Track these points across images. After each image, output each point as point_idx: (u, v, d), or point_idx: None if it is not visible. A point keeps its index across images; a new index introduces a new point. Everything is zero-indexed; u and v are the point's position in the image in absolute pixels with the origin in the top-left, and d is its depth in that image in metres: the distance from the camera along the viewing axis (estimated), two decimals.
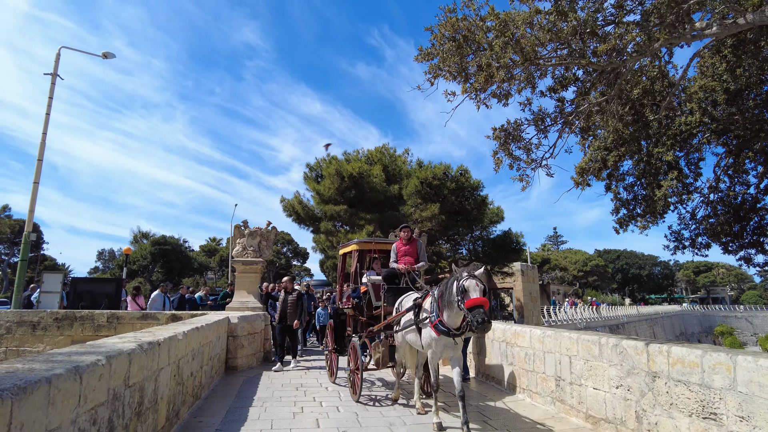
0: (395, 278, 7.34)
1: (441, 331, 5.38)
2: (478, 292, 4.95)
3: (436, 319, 5.44)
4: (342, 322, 8.33)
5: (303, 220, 23.11)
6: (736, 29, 7.43)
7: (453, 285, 5.26)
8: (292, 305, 9.90)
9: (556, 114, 7.52)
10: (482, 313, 4.78)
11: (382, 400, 7.21)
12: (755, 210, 12.79)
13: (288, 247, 59.36)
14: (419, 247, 7.53)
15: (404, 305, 6.56)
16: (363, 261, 8.61)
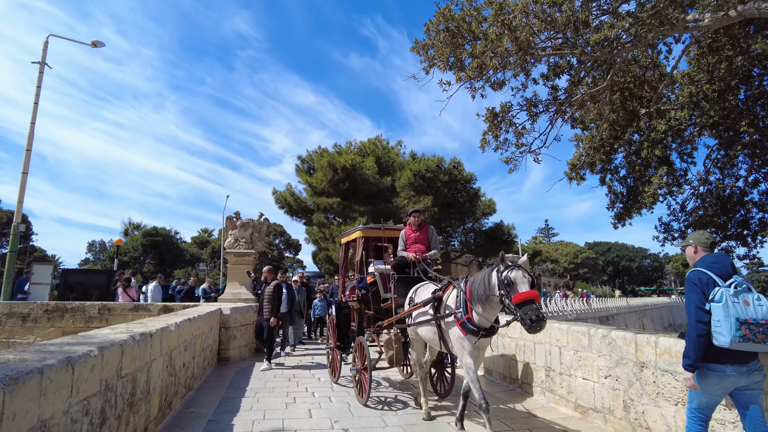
0: (405, 267, 6.66)
1: (469, 330, 4.71)
2: (526, 285, 4.27)
3: (464, 316, 4.75)
4: (345, 317, 7.56)
5: (295, 212, 23.07)
6: (727, 21, 7.48)
7: (490, 277, 4.56)
8: (268, 298, 8.95)
9: (548, 101, 7.54)
10: (536, 309, 4.08)
11: (393, 403, 6.51)
12: (742, 203, 12.96)
13: (280, 238, 59.24)
14: (430, 233, 6.88)
15: (419, 297, 5.90)
16: (368, 249, 7.81)
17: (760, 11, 6.93)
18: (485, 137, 7.40)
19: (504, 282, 4.33)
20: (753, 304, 3.12)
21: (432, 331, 5.40)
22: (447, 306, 5.11)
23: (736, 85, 10.94)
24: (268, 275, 9.26)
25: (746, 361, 3.18)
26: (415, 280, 6.44)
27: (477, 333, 4.67)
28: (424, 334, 5.63)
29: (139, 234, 50.18)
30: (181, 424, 5.36)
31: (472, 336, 4.70)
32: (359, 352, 6.63)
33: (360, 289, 7.32)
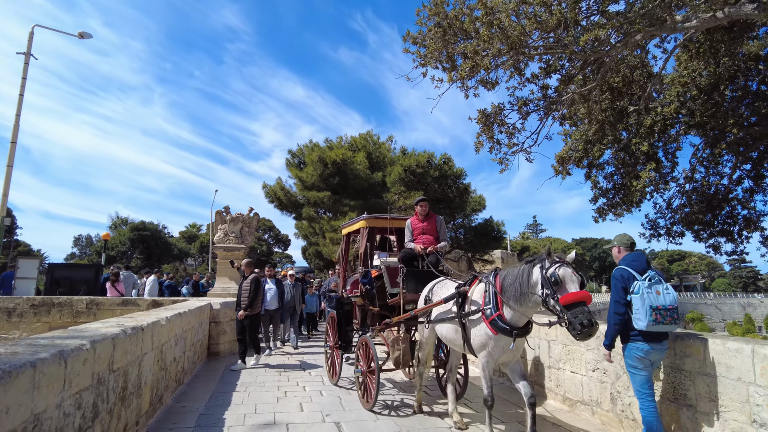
0: (413, 260, 6.18)
1: (499, 329, 4.29)
2: (576, 284, 3.82)
3: (494, 313, 4.34)
4: (347, 314, 7.02)
5: (285, 206, 22.99)
6: (714, 23, 7.60)
7: (530, 273, 4.15)
8: (245, 293, 8.52)
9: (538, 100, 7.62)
10: (587, 312, 3.65)
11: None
12: (727, 200, 13.17)
13: (269, 233, 58.96)
14: (439, 223, 6.43)
15: (437, 293, 5.44)
16: (373, 240, 7.20)
17: (746, 14, 7.05)
18: (479, 139, 7.46)
19: (550, 280, 3.88)
20: (663, 293, 3.90)
21: (454, 329, 4.97)
22: (473, 302, 4.69)
23: (721, 85, 11.10)
24: (246, 268, 8.84)
25: (660, 340, 4.02)
26: (427, 275, 5.96)
27: (510, 332, 4.22)
28: (445, 334, 5.16)
29: (126, 228, 49.66)
30: (172, 418, 5.36)
31: (504, 336, 4.26)
32: (364, 352, 6.06)
33: (364, 283, 6.72)
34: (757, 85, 11.11)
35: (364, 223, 6.96)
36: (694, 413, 4.20)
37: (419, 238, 6.27)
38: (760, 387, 3.68)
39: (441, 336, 5.32)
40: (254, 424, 5.24)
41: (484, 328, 4.42)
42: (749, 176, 13.00)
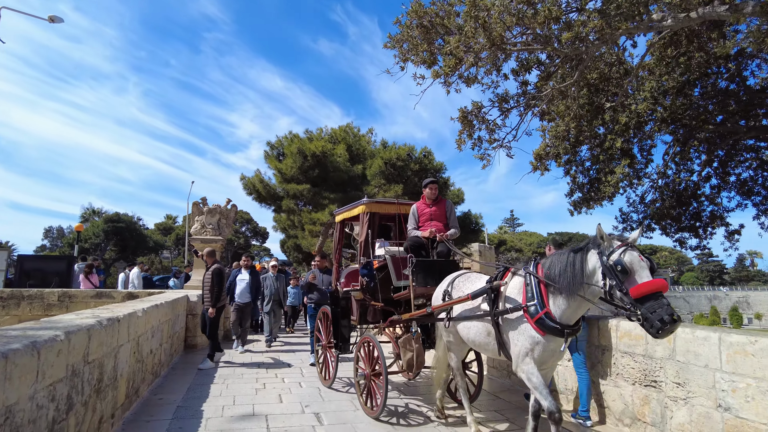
0: (421, 249, 5.53)
1: (548, 329, 3.58)
2: (647, 271, 3.21)
3: (541, 310, 3.62)
4: (343, 310, 6.34)
5: (264, 198, 22.74)
6: (688, 22, 7.79)
7: (585, 261, 3.50)
8: (207, 285, 7.87)
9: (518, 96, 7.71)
10: (667, 306, 3.04)
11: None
12: (696, 196, 13.59)
13: (247, 226, 58.34)
14: (449, 208, 5.79)
15: (460, 288, 4.69)
16: (374, 227, 6.33)
17: (718, 14, 7.24)
18: (461, 136, 7.51)
19: (615, 269, 3.26)
20: None
21: (484, 331, 4.24)
22: (509, 298, 3.96)
23: (692, 82, 11.41)
24: (207, 258, 8.17)
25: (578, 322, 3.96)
26: (439, 266, 5.33)
27: (561, 332, 3.56)
28: (473, 337, 4.40)
29: (100, 220, 48.48)
30: (149, 410, 5.30)
31: (554, 336, 3.59)
32: (367, 352, 5.42)
33: (365, 275, 5.96)
34: (726, 83, 11.43)
35: (364, 208, 6.09)
36: (663, 398, 4.35)
37: (427, 225, 5.61)
38: (725, 373, 3.83)
39: (466, 339, 4.59)
40: (233, 416, 5.22)
41: (527, 330, 3.68)
42: (717, 173, 13.43)
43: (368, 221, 6.06)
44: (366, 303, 6.13)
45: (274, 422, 5.04)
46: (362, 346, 5.57)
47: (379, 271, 5.98)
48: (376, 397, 5.15)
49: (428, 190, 5.72)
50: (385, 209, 6.40)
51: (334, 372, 6.54)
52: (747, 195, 13.37)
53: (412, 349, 5.21)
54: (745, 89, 11.45)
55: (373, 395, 5.27)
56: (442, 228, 5.57)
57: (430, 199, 5.71)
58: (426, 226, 5.59)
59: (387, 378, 4.93)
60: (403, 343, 5.28)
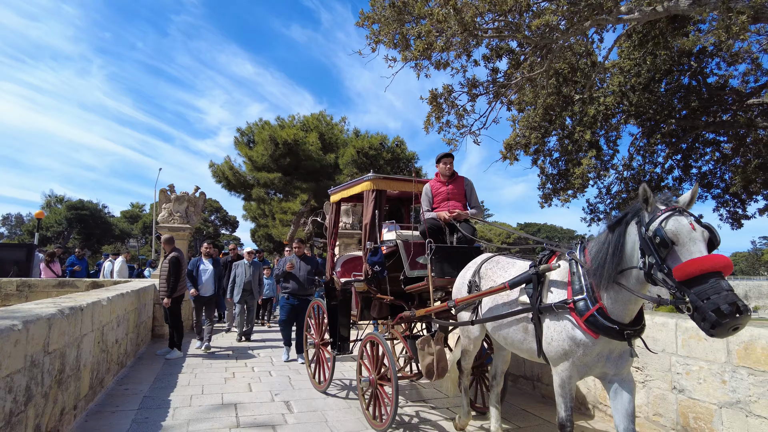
0: (439, 234, 4.75)
1: (601, 328, 2.80)
2: (701, 243, 2.41)
3: (592, 306, 2.85)
4: (343, 303, 5.56)
5: (233, 186, 22.37)
6: (654, 16, 7.99)
7: (626, 235, 2.73)
8: (164, 274, 7.61)
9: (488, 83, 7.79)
10: (727, 292, 2.23)
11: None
12: (659, 188, 14.03)
13: (216, 215, 57.36)
14: (468, 186, 5.04)
15: (490, 275, 3.88)
16: (381, 207, 5.20)
17: (682, 9, 7.45)
18: (429, 119, 7.53)
19: (653, 241, 2.50)
20: None
21: (521, 329, 3.44)
22: (553, 288, 3.20)
23: (658, 78, 11.74)
24: (165, 246, 7.84)
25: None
26: (464, 253, 4.55)
27: (619, 333, 2.78)
28: (507, 335, 3.62)
29: (62, 207, 46.79)
30: (114, 401, 5.20)
31: (610, 339, 2.83)
32: (373, 353, 4.67)
33: (373, 263, 4.91)
34: (689, 80, 11.81)
35: (370, 185, 5.11)
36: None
37: (443, 206, 4.87)
38: (681, 357, 4.01)
39: (498, 338, 3.79)
40: (201, 405, 5.17)
41: (571, 329, 2.94)
42: (679, 166, 13.90)
43: (374, 200, 5.06)
44: (371, 296, 5.22)
45: (244, 411, 5.02)
46: (368, 346, 4.75)
47: (386, 259, 5.08)
48: (384, 407, 4.38)
49: (442, 165, 4.95)
50: (397, 187, 5.38)
51: (330, 375, 5.66)
52: (706, 188, 13.88)
53: (432, 351, 4.30)
54: (705, 86, 11.85)
55: (380, 405, 4.46)
56: (461, 208, 4.83)
57: (445, 176, 4.96)
58: (442, 207, 4.84)
59: (398, 385, 4.12)
60: (421, 345, 4.37)
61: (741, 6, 6.25)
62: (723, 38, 7.39)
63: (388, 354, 4.29)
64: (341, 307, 5.57)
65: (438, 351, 4.30)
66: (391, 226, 5.35)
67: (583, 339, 2.89)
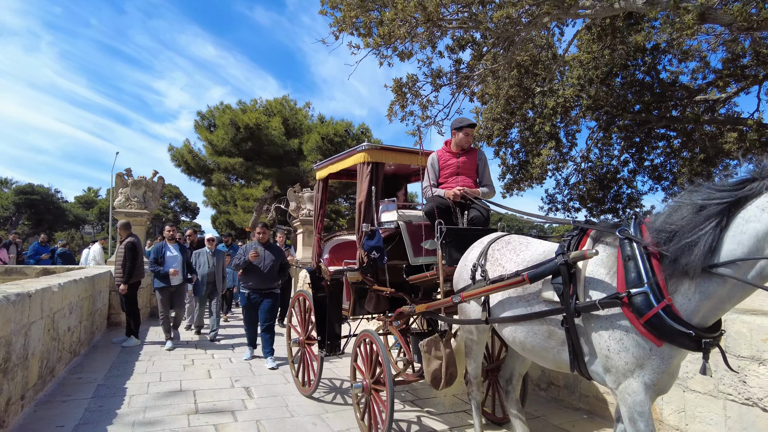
0: (447, 215, 4.01)
1: (669, 334, 2.13)
2: None
3: (657, 303, 2.13)
4: (333, 295, 4.89)
5: (194, 171, 21.83)
6: (612, 12, 8.26)
7: (743, 211, 2.00)
8: (119, 260, 7.33)
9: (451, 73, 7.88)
10: None
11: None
12: (615, 180, 14.60)
13: (176, 201, 55.95)
14: (481, 160, 4.36)
15: (500, 260, 3.15)
16: (379, 184, 4.44)
17: (637, 7, 7.73)
18: (392, 107, 7.57)
19: None
20: None
21: (545, 334, 2.69)
22: (591, 281, 2.45)
23: (615, 72, 12.15)
24: (121, 231, 7.52)
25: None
26: (478, 237, 3.72)
27: (698, 342, 2.12)
28: (522, 338, 2.86)
29: (10, 191, 44.52)
30: (65, 390, 5.06)
31: (681, 347, 2.18)
32: (368, 354, 4.06)
33: (369, 248, 4.16)
34: (643, 75, 12.28)
35: (364, 157, 4.37)
36: None
37: (451, 181, 4.20)
38: None
39: (511, 341, 3.04)
40: (159, 392, 5.11)
41: (631, 336, 2.22)
42: (633, 158, 14.49)
43: (370, 174, 4.34)
44: (366, 287, 4.50)
45: (203, 397, 4.99)
46: (362, 345, 4.15)
47: (385, 243, 4.30)
48: (379, 414, 3.81)
49: (463, 136, 4.17)
50: (396, 159, 4.62)
51: (317, 377, 5.02)
52: (658, 180, 14.55)
53: (440, 355, 3.58)
54: (658, 82, 12.35)
55: (374, 414, 3.90)
56: (472, 185, 4.19)
57: (459, 147, 4.23)
58: (450, 183, 4.19)
59: (392, 394, 3.57)
60: (427, 347, 3.64)
61: (689, 5, 6.54)
62: (674, 36, 7.73)
63: (383, 354, 3.74)
64: (330, 301, 4.86)
65: (447, 355, 3.59)
66: (391, 205, 4.58)
67: (650, 347, 2.18)
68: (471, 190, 4.05)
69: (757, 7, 6.34)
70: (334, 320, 4.90)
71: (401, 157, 4.65)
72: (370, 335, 4.00)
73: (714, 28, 10.13)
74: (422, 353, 3.68)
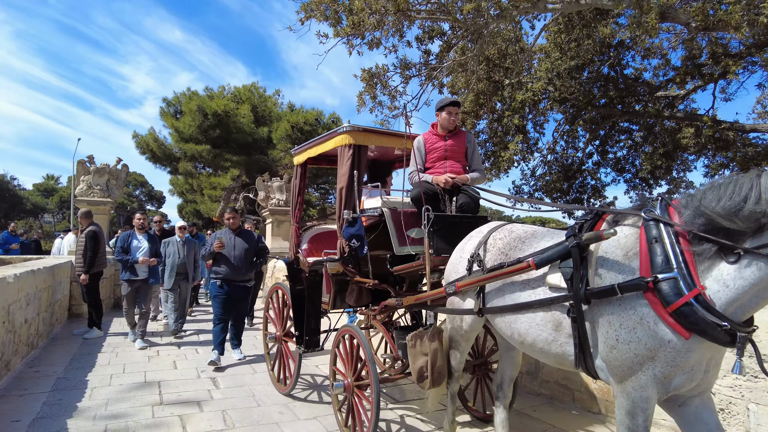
0: (435, 201, 3.74)
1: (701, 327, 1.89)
2: None
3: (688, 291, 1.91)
4: (312, 287, 4.58)
5: (159, 159, 21.26)
6: (578, 7, 8.43)
7: None
8: (80, 250, 7.20)
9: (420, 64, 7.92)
10: None
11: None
12: (581, 171, 14.99)
13: (141, 189, 54.47)
14: (470, 143, 4.11)
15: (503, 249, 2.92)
16: (362, 167, 4.11)
17: (602, 3, 7.91)
18: (361, 96, 7.56)
19: None
20: None
21: (550, 324, 2.45)
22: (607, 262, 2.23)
23: (581, 65, 12.42)
24: (82, 220, 7.37)
25: None
26: (468, 225, 3.56)
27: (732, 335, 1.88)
28: (523, 331, 2.61)
29: None
30: (22, 384, 4.93)
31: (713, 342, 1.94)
32: (349, 351, 3.81)
33: (350, 236, 3.92)
34: (608, 70, 12.60)
35: (346, 139, 4.05)
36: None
37: (438, 166, 3.95)
38: None
39: (510, 336, 2.79)
40: (122, 385, 5.03)
41: (653, 323, 2.01)
42: (597, 151, 14.91)
43: (352, 158, 4.01)
44: (347, 279, 4.28)
45: (168, 389, 4.94)
46: (341, 342, 3.90)
47: (368, 232, 4.08)
48: (362, 417, 3.58)
49: (446, 116, 3.91)
50: (380, 142, 4.35)
51: (295, 374, 4.76)
52: (620, 172, 15.02)
53: (426, 350, 3.37)
54: (622, 77, 12.70)
55: (357, 415, 3.63)
56: (460, 170, 3.94)
57: (445, 129, 3.97)
58: (438, 167, 3.93)
59: (378, 394, 3.35)
60: (412, 341, 3.43)
61: (651, 2, 6.74)
62: (638, 33, 7.95)
63: (367, 351, 3.50)
64: (309, 294, 4.56)
65: (434, 350, 3.35)
66: (374, 191, 4.31)
67: (673, 338, 1.97)
68: (460, 177, 3.80)
69: (714, 8, 6.60)
70: (313, 314, 4.62)
71: (385, 140, 4.37)
72: (351, 330, 3.79)
73: (675, 27, 10.49)
74: (408, 348, 3.47)
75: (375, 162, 5.09)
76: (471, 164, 4.05)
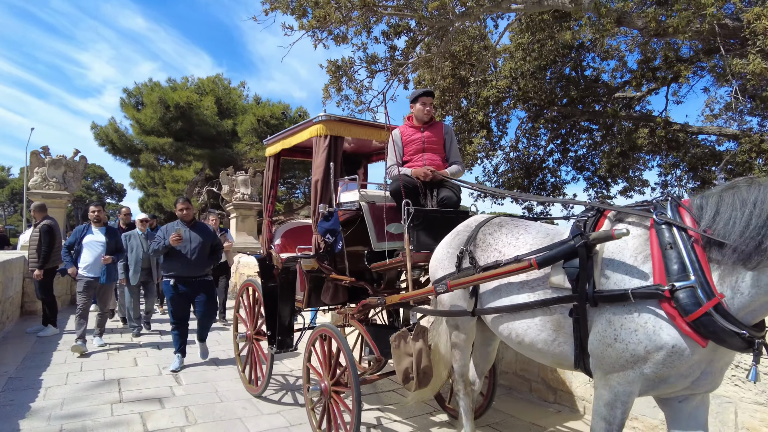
0: (414, 195, 3.59)
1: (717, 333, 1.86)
2: None
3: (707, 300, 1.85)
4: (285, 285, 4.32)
5: (119, 150, 20.62)
6: (540, 8, 8.67)
7: None
8: (33, 244, 7.06)
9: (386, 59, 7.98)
10: None
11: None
12: (541, 169, 15.42)
13: (101, 182, 52.57)
14: (447, 134, 4.01)
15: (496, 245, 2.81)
16: (338, 159, 3.98)
17: (563, 5, 8.16)
18: (327, 90, 7.57)
19: None
20: None
21: (550, 325, 2.39)
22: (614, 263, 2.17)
23: (544, 65, 12.76)
24: (35, 214, 7.19)
25: None
26: (450, 219, 3.51)
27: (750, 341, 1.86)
28: (521, 332, 2.53)
29: None
30: None
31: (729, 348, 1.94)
32: (326, 353, 3.64)
33: (325, 231, 3.79)
34: (570, 71, 12.99)
35: (321, 129, 3.91)
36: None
37: (416, 159, 3.85)
38: None
39: (506, 335, 2.69)
40: (79, 383, 4.91)
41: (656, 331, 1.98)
42: (558, 149, 15.36)
43: (328, 149, 3.88)
44: (322, 276, 4.08)
45: (128, 386, 4.86)
46: (317, 342, 3.75)
47: (344, 227, 3.90)
48: (340, 423, 3.40)
49: (420, 107, 3.84)
50: (357, 133, 4.20)
51: (266, 375, 4.57)
52: (580, 170, 15.53)
53: (410, 351, 3.25)
54: (583, 78, 13.13)
55: (334, 419, 3.48)
56: (439, 163, 3.85)
57: (421, 121, 3.89)
58: (416, 160, 3.83)
59: (359, 395, 3.19)
60: (396, 341, 3.31)
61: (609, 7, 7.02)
62: (596, 36, 8.24)
63: (346, 351, 3.33)
64: (282, 292, 4.33)
65: (419, 351, 3.21)
66: (351, 184, 4.17)
67: (678, 345, 1.94)
68: (440, 172, 3.71)
69: (666, 14, 6.92)
70: (287, 313, 4.37)
71: (363, 131, 4.22)
72: (328, 330, 3.62)
73: (632, 31, 10.90)
74: (392, 350, 3.32)
75: (349, 154, 4.96)
76: (449, 156, 3.96)
